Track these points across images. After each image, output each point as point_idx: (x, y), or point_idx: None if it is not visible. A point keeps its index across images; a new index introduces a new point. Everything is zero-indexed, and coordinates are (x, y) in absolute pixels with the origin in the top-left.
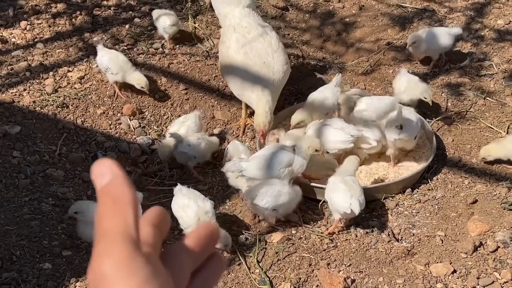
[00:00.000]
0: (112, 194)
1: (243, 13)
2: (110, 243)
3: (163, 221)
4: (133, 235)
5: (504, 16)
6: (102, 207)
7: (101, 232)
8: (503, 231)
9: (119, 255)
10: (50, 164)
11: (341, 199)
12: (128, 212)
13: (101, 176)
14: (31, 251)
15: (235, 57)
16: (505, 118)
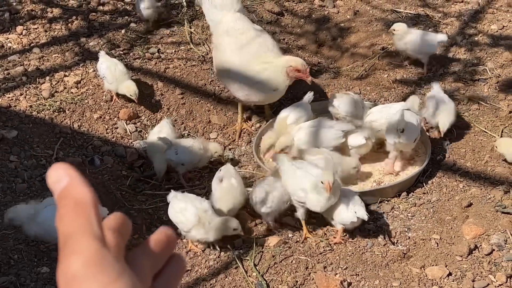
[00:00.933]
0: (72, 196)
1: (236, 16)
2: (77, 242)
3: (123, 226)
4: (98, 233)
5: (497, 21)
6: (62, 209)
7: (65, 234)
8: (498, 234)
9: (87, 253)
10: (47, 169)
11: (344, 211)
12: (90, 212)
13: (58, 182)
14: (29, 255)
15: (232, 60)
16: (499, 122)
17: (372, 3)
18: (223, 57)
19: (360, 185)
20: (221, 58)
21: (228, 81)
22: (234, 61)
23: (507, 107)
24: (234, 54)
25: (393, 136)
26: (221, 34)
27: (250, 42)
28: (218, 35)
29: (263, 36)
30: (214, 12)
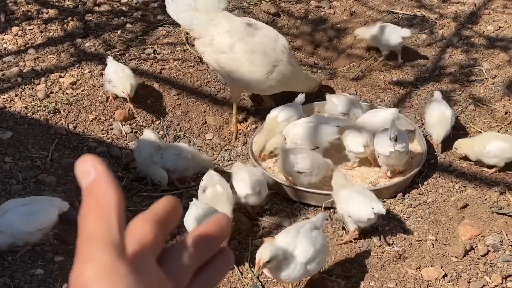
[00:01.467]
0: (96, 195)
1: (226, 15)
2: (93, 249)
3: (170, 215)
4: (116, 240)
5: (493, 22)
6: (85, 208)
7: (84, 235)
8: (494, 235)
9: (101, 263)
10: (42, 170)
11: (361, 208)
12: (111, 215)
13: (85, 175)
14: (23, 257)
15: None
16: (495, 123)
17: (368, 4)
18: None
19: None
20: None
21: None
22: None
23: (503, 108)
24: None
25: (386, 146)
26: (220, 38)
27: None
28: (217, 38)
29: (261, 28)
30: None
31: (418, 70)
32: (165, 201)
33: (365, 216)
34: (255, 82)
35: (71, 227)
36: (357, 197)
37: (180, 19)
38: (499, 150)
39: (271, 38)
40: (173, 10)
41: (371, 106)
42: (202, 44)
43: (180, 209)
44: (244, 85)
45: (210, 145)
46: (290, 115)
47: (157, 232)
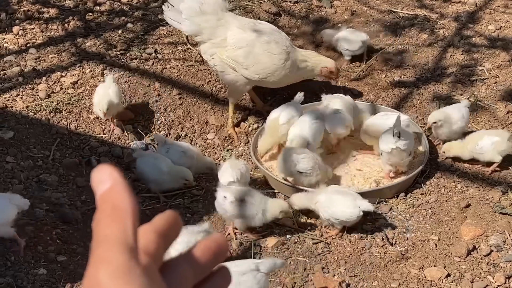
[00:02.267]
0: (112, 201)
1: (231, 14)
2: (107, 250)
3: (172, 229)
4: (131, 243)
5: (495, 21)
6: (100, 213)
7: (99, 238)
8: (496, 235)
9: (115, 264)
10: (43, 169)
11: (347, 207)
12: (126, 220)
13: (101, 183)
14: (26, 257)
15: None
16: (496, 123)
17: (369, 4)
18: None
19: (359, 186)
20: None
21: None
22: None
23: (504, 107)
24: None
25: (389, 142)
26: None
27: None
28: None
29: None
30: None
31: (419, 70)
32: (167, 215)
33: (354, 215)
34: (275, 71)
35: (73, 227)
36: (339, 198)
37: (184, 26)
38: (492, 144)
39: (274, 29)
40: (172, 17)
41: (372, 106)
42: (212, 46)
43: (180, 224)
44: (264, 76)
45: (211, 144)
46: (292, 115)
47: (159, 243)
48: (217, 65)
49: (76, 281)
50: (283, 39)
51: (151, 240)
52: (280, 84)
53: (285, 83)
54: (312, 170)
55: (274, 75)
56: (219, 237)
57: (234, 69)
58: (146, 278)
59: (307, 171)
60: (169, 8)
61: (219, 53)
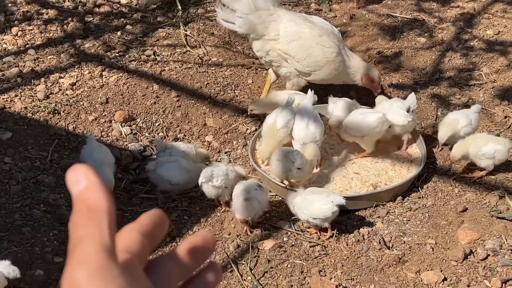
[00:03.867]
0: (87, 201)
1: (282, 9)
2: (84, 251)
3: (157, 228)
4: (107, 243)
5: (493, 26)
6: (76, 214)
7: (75, 239)
8: (493, 239)
9: (93, 265)
10: (41, 170)
11: (321, 205)
12: (102, 220)
13: (76, 183)
14: (23, 258)
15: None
16: (494, 127)
17: (368, 8)
18: (324, 54)
19: (356, 189)
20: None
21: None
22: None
23: (502, 112)
24: (333, 47)
25: (404, 117)
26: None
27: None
28: (294, 34)
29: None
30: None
31: (417, 74)
32: (152, 214)
33: (329, 211)
34: (325, 64)
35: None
36: (314, 198)
37: (238, 24)
38: (495, 152)
39: (325, 22)
40: (225, 18)
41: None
42: (265, 42)
43: (167, 222)
44: (314, 69)
45: (209, 147)
46: (288, 119)
47: (144, 243)
48: (274, 60)
49: None
50: (335, 33)
51: (136, 239)
52: (327, 80)
53: (332, 80)
54: (304, 164)
55: (324, 68)
56: (206, 233)
57: (286, 61)
58: (125, 278)
59: (302, 165)
60: (222, 9)
61: (273, 45)
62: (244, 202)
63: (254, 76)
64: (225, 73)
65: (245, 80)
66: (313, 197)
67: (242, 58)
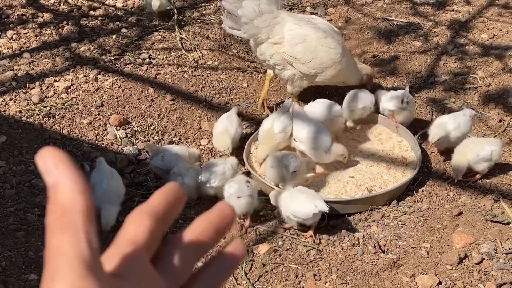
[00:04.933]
0: (60, 202)
1: (285, 11)
2: (60, 266)
3: (171, 207)
4: (84, 253)
5: (488, 30)
6: (49, 216)
7: (50, 249)
8: (488, 243)
9: (67, 283)
10: (36, 174)
11: (304, 205)
12: (78, 225)
13: (47, 174)
14: (17, 262)
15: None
16: (489, 131)
17: (363, 11)
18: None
19: (351, 193)
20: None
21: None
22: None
23: (497, 116)
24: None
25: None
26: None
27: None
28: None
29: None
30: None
31: (412, 78)
32: (165, 191)
33: (310, 213)
34: (333, 65)
35: None
36: (300, 197)
37: (244, 31)
38: (492, 153)
39: (328, 24)
40: (231, 26)
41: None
42: (270, 45)
43: (182, 199)
44: (320, 71)
45: (204, 150)
46: (286, 124)
47: (154, 227)
48: (278, 64)
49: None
50: (338, 34)
51: (144, 226)
52: (332, 81)
53: (335, 81)
54: (300, 167)
55: (330, 69)
56: (224, 206)
57: (291, 64)
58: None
59: (297, 168)
60: (227, 17)
61: (277, 49)
62: (241, 199)
63: (250, 80)
64: (220, 76)
65: (241, 84)
66: (299, 196)
67: (237, 62)
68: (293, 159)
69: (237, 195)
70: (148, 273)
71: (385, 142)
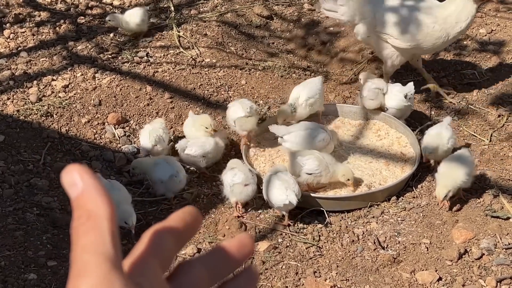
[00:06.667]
0: (86, 207)
1: None
2: (86, 263)
3: (188, 228)
4: (110, 253)
5: (486, 25)
6: (76, 222)
7: (77, 250)
8: (487, 238)
9: (95, 277)
10: (34, 174)
11: (279, 194)
12: (104, 228)
13: (72, 186)
14: (16, 262)
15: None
16: (487, 126)
17: None
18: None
19: (350, 189)
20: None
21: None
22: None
23: (496, 111)
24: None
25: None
26: None
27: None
28: None
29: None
30: None
31: (410, 73)
32: (184, 212)
33: (280, 202)
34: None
35: (63, 231)
36: (277, 183)
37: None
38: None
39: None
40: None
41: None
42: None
43: (199, 221)
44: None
45: None
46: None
47: (169, 245)
48: (374, 43)
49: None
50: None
51: (161, 241)
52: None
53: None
54: (319, 169)
55: (425, 42)
56: (244, 237)
57: (386, 41)
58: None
59: (315, 171)
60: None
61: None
62: (248, 187)
63: (248, 77)
64: (218, 74)
65: (239, 81)
66: (276, 183)
67: (235, 59)
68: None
69: (244, 183)
70: (161, 285)
71: (384, 138)
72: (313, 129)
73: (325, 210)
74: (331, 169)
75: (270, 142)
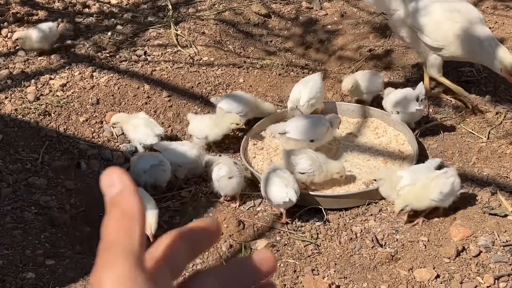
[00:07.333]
0: (121, 207)
1: None
2: (113, 256)
3: (205, 237)
4: (137, 251)
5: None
6: (109, 218)
7: (106, 243)
8: (485, 235)
9: (120, 270)
10: (32, 173)
11: (278, 191)
12: (134, 227)
13: (111, 186)
14: (14, 260)
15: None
16: (485, 124)
17: (359, 5)
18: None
19: (348, 187)
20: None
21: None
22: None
23: (494, 108)
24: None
25: (413, 105)
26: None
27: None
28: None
29: None
30: None
31: (408, 71)
32: (205, 221)
33: (280, 200)
34: (454, 40)
35: (61, 230)
36: (276, 180)
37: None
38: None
39: (468, 5)
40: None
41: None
42: (399, 17)
43: (218, 233)
44: (444, 44)
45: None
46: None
47: (181, 252)
48: (406, 37)
49: (65, 285)
50: (471, 10)
51: (174, 247)
52: (459, 57)
53: (465, 57)
54: (312, 169)
55: (453, 44)
56: (265, 253)
57: (418, 36)
58: (150, 285)
59: (308, 170)
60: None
61: (405, 20)
62: (233, 180)
63: (246, 75)
64: (216, 72)
65: (237, 79)
66: (276, 180)
67: (233, 57)
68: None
69: (228, 176)
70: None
71: (382, 136)
72: (313, 117)
73: (323, 208)
74: (324, 168)
75: (268, 140)
